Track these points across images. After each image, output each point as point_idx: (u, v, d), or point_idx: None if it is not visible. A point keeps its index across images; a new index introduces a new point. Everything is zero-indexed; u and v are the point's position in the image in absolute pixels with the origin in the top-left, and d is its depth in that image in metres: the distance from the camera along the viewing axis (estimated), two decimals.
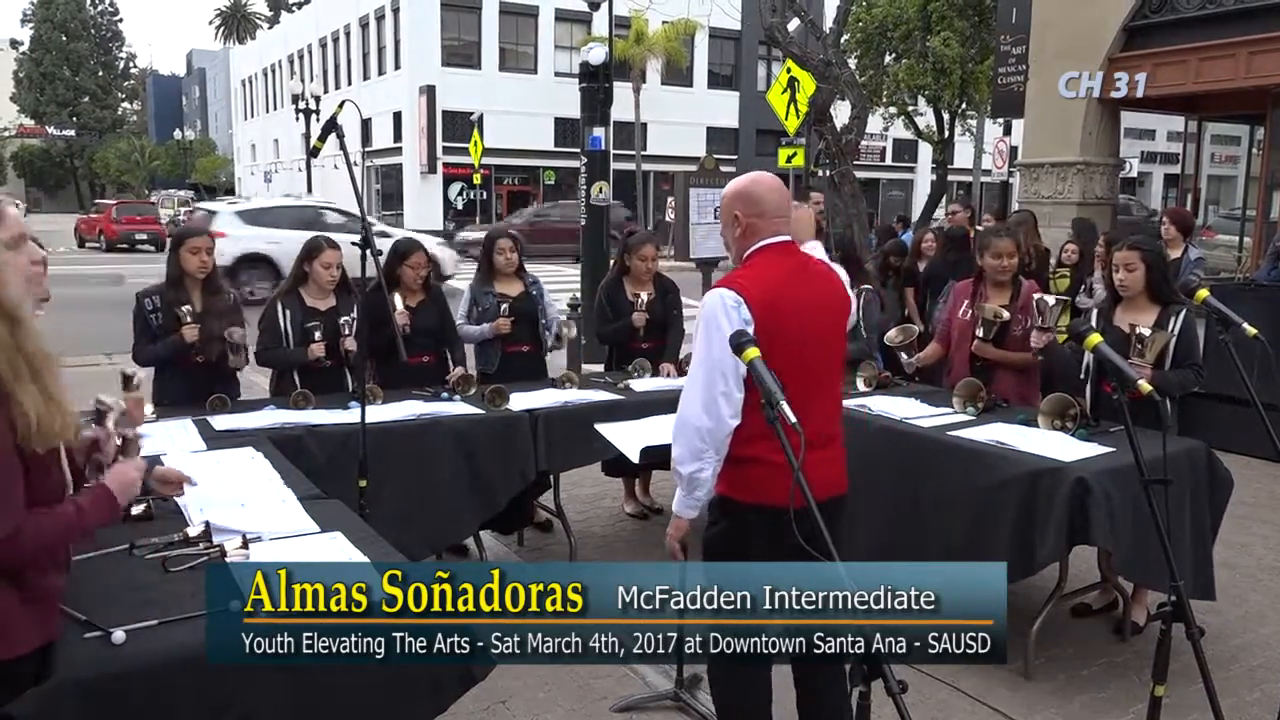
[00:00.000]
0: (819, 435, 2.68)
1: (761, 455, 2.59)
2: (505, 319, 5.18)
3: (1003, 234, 4.88)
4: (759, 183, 2.82)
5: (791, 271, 2.74)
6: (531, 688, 3.69)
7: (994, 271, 4.75)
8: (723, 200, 2.84)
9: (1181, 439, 4.08)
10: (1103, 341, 2.79)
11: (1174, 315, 4.13)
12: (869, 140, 29.00)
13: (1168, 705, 2.64)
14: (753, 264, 2.73)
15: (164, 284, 4.52)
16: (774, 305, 2.62)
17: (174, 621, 2.09)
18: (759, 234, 2.75)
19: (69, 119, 67.89)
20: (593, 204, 10.40)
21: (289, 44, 45.26)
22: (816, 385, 2.73)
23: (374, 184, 36.36)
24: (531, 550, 5.31)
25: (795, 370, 2.55)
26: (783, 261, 2.74)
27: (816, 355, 2.74)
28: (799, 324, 2.66)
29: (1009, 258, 4.72)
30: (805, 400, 2.62)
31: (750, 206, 2.75)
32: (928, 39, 22.63)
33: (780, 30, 13.44)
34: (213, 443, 3.80)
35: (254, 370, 5.15)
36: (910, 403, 4.64)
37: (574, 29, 33.52)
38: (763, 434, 2.37)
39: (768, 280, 2.66)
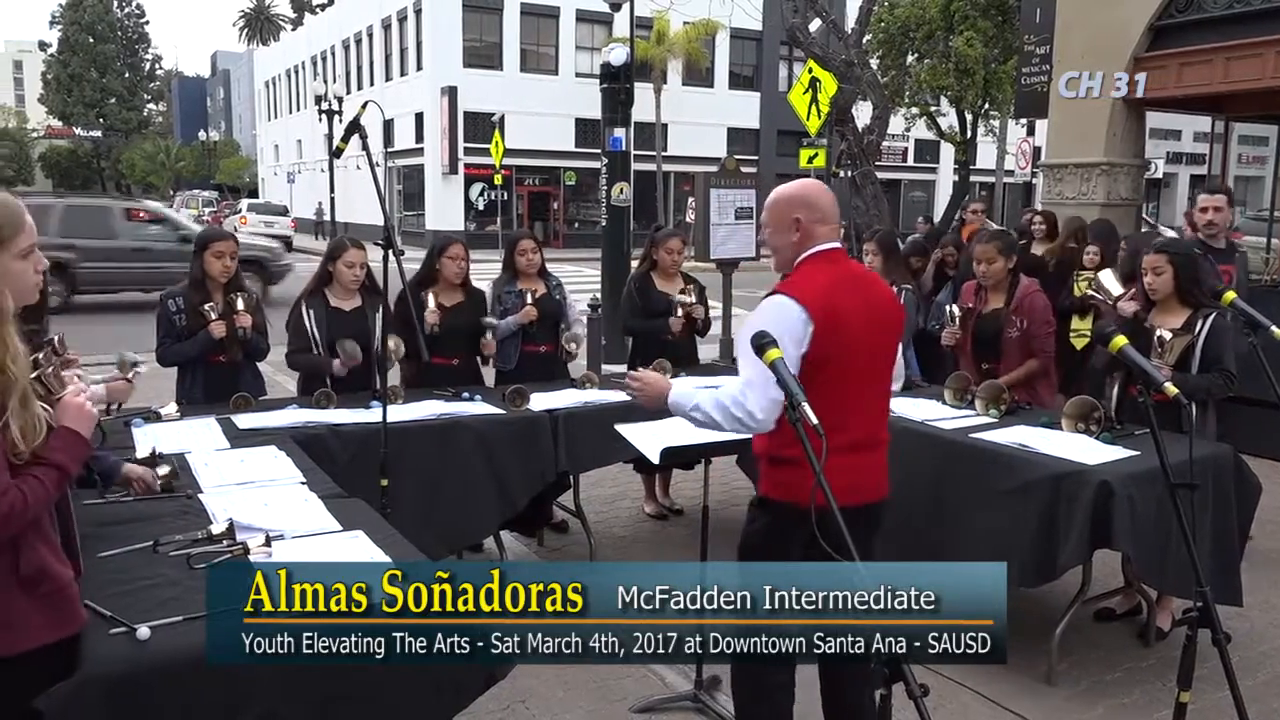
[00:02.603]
0: (871, 438, 2.77)
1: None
2: (530, 307, 5.17)
3: (985, 239, 4.98)
4: (815, 187, 2.85)
5: (846, 278, 2.77)
6: (550, 687, 3.70)
7: (979, 276, 4.90)
8: (775, 205, 2.82)
9: (1209, 443, 4.04)
10: (1128, 344, 2.77)
11: (1202, 319, 4.09)
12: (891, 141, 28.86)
13: (1193, 712, 2.61)
14: (808, 270, 2.73)
15: (187, 285, 4.56)
16: (835, 312, 2.64)
17: (198, 618, 2.10)
18: (816, 239, 2.76)
19: (96, 120, 68.56)
20: (613, 205, 10.41)
21: (312, 45, 45.52)
22: (869, 389, 2.78)
23: (396, 185, 36.50)
24: (551, 551, 5.32)
25: (852, 375, 2.67)
26: (837, 268, 2.77)
27: (870, 360, 2.77)
28: (855, 330, 2.69)
29: (988, 263, 4.81)
30: (859, 403, 2.74)
31: (812, 211, 2.75)
32: (950, 39, 22.50)
33: (802, 30, 13.42)
34: (236, 441, 3.83)
35: (279, 371, 5.19)
36: (932, 405, 4.62)
37: (595, 30, 33.52)
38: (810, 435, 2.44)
39: (827, 287, 2.67)
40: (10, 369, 1.83)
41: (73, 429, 1.97)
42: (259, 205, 36.85)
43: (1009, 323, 4.76)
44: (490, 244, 26.92)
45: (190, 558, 2.50)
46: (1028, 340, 4.75)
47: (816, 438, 2.05)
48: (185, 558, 2.50)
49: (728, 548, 2.92)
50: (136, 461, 3.17)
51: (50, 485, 1.90)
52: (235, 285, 4.59)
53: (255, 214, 33.75)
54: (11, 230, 1.89)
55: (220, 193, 51.94)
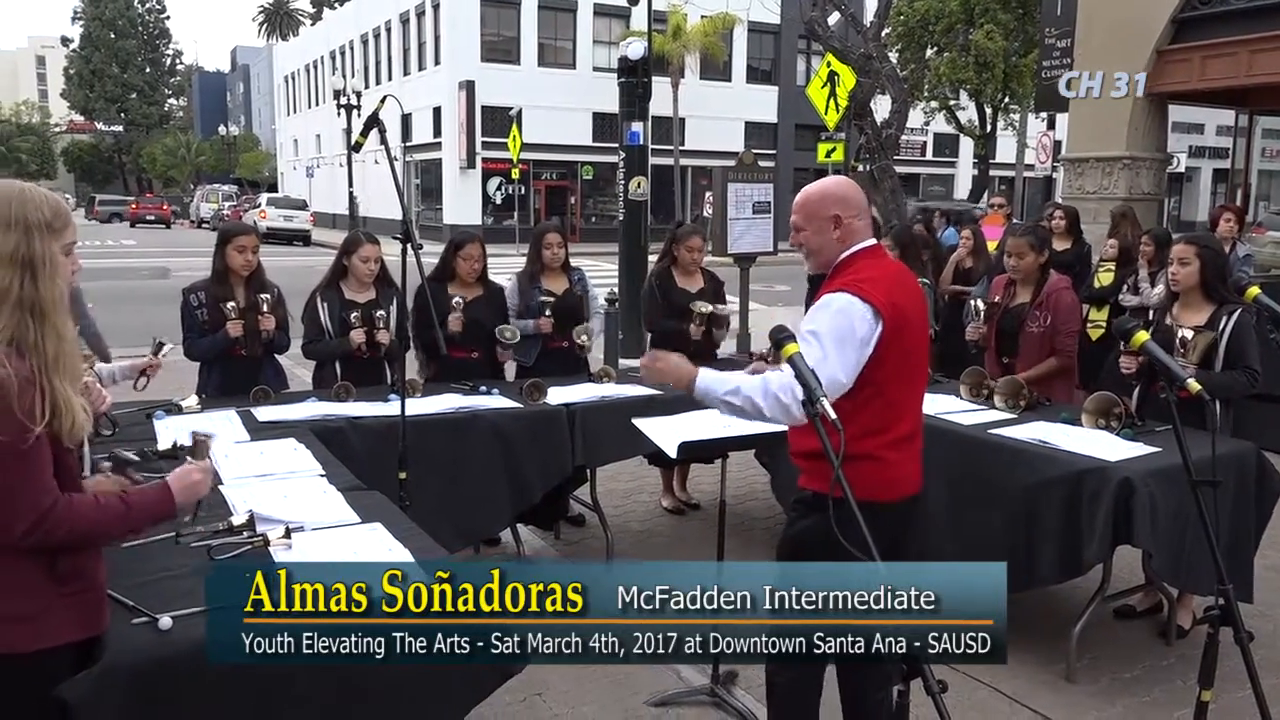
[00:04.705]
0: (916, 430, 2.81)
1: (871, 451, 2.60)
2: (546, 319, 5.20)
3: (1017, 233, 4.92)
4: (845, 184, 2.85)
5: (896, 274, 2.78)
6: (567, 680, 3.71)
7: (1009, 270, 4.84)
8: (809, 204, 2.76)
9: (1231, 440, 3.99)
10: (1150, 339, 2.75)
11: (1226, 315, 4.04)
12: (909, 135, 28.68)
13: (1214, 711, 2.58)
14: (861, 268, 2.69)
15: (209, 280, 4.59)
16: (899, 309, 2.64)
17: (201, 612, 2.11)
18: (856, 236, 2.73)
19: (117, 115, 69.11)
20: (630, 199, 10.40)
21: (331, 40, 45.65)
22: (919, 382, 2.83)
23: (413, 179, 36.59)
24: (568, 544, 5.33)
25: (910, 369, 2.72)
26: (887, 265, 2.78)
27: (919, 354, 2.81)
28: (913, 325, 2.72)
29: (1019, 257, 4.77)
30: (913, 398, 2.80)
31: (849, 208, 2.72)
32: (970, 32, 22.36)
33: (820, 24, 13.36)
34: (256, 434, 3.86)
35: (298, 364, 5.22)
36: (949, 400, 4.59)
37: (613, 24, 33.46)
38: (867, 430, 2.54)
39: (887, 285, 2.66)
40: (63, 359, 1.87)
41: (170, 488, 2.05)
42: (278, 199, 37.08)
43: (1031, 317, 4.70)
44: (507, 238, 26.97)
45: (211, 549, 2.52)
46: (1048, 337, 4.68)
47: (835, 433, 2.04)
48: (206, 549, 2.52)
49: (745, 542, 2.92)
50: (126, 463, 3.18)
51: (106, 516, 1.93)
52: (258, 281, 4.62)
53: (274, 208, 33.97)
54: (61, 223, 1.94)
55: (240, 187, 52.22)
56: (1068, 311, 4.73)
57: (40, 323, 1.85)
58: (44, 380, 1.83)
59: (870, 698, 2.82)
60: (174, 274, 18.40)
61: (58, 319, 1.89)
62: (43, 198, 1.93)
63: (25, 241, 1.86)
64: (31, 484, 1.82)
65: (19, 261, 1.85)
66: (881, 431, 2.65)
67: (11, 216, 1.86)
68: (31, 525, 1.82)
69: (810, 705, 2.88)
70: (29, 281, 1.85)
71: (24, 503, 1.81)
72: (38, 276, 1.86)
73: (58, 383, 1.84)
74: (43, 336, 1.85)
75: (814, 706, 2.88)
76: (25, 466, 1.81)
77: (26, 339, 1.84)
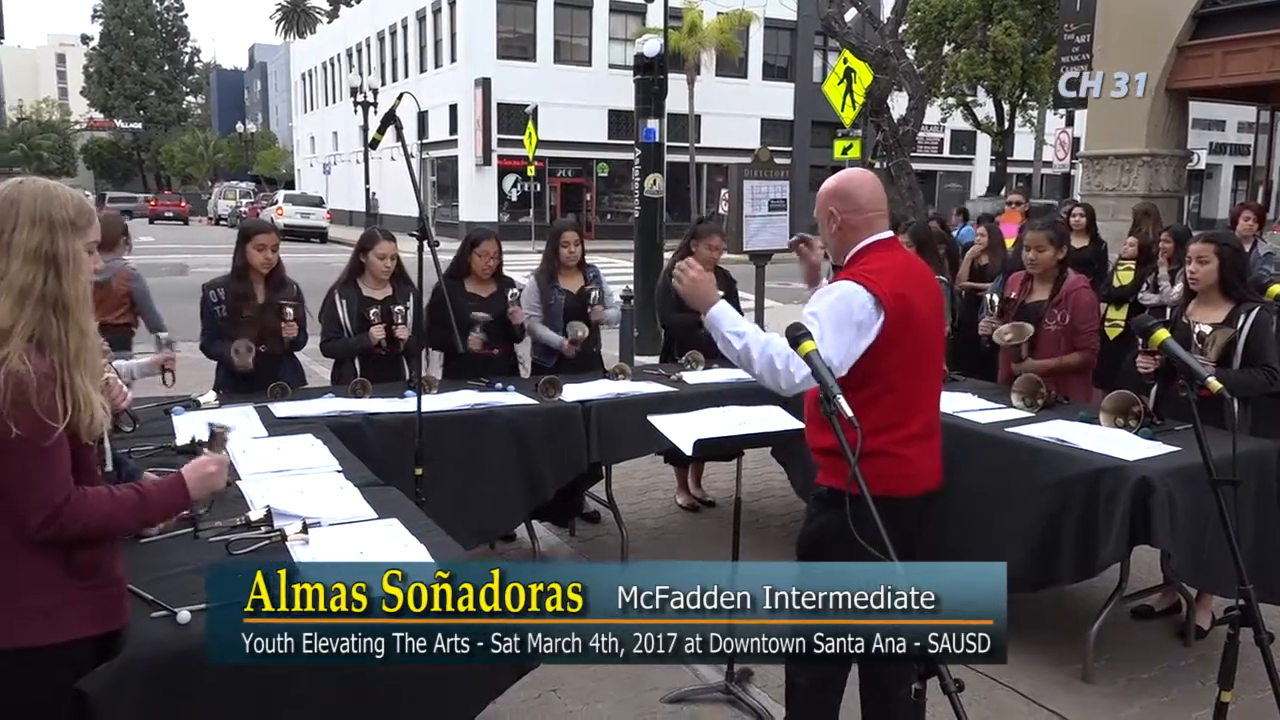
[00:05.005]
0: (932, 427, 2.81)
1: (885, 448, 2.60)
2: (571, 346, 5.18)
3: (1037, 227, 4.88)
4: (851, 179, 2.85)
5: (906, 267, 2.78)
6: (582, 676, 3.72)
7: (1027, 264, 4.80)
8: (817, 199, 2.84)
9: (1251, 439, 3.96)
10: (1170, 337, 2.72)
11: (1245, 313, 4.00)
12: (926, 131, 28.58)
13: (1233, 712, 2.56)
14: (871, 259, 2.72)
15: (229, 276, 4.62)
16: (904, 300, 2.64)
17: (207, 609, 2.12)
18: (859, 230, 2.75)
19: (136, 112, 69.64)
20: (646, 196, 10.39)
21: (347, 38, 45.83)
22: (933, 378, 2.82)
23: (430, 176, 36.69)
24: (583, 541, 5.34)
25: (921, 363, 2.71)
26: (896, 257, 2.78)
27: (934, 348, 2.80)
28: (922, 318, 2.71)
29: (1038, 250, 4.72)
30: (927, 394, 2.78)
31: (844, 202, 2.75)
32: (988, 28, 22.24)
33: (837, 20, 13.31)
34: (273, 429, 3.88)
35: (315, 360, 5.24)
36: (966, 398, 4.57)
37: (629, 20, 33.45)
38: (878, 427, 2.51)
39: (893, 276, 2.66)
40: (85, 355, 1.89)
41: (184, 480, 2.06)
42: (295, 196, 37.25)
43: (1049, 315, 4.66)
44: (523, 235, 27.02)
45: (229, 543, 2.54)
46: (1065, 335, 4.64)
47: (852, 430, 2.03)
48: (224, 543, 2.54)
49: (760, 540, 2.91)
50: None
51: (121, 508, 1.94)
52: (278, 278, 4.64)
53: (291, 205, 34.11)
54: (85, 221, 1.97)
55: (257, 184, 52.54)
56: (1087, 310, 4.70)
57: (64, 318, 1.88)
58: (65, 375, 1.85)
59: (894, 695, 2.81)
60: (192, 270, 18.55)
61: (80, 315, 1.91)
62: (68, 196, 1.96)
63: (50, 238, 1.89)
64: (47, 479, 1.84)
65: (43, 258, 1.88)
66: (894, 428, 2.64)
67: (37, 213, 1.89)
68: (46, 519, 1.84)
69: (830, 706, 2.87)
70: (53, 278, 1.88)
71: (40, 497, 1.83)
72: (61, 273, 1.89)
73: (79, 378, 1.86)
74: (65, 332, 1.87)
75: (834, 707, 2.87)
76: (43, 462, 1.83)
77: (49, 334, 1.86)
